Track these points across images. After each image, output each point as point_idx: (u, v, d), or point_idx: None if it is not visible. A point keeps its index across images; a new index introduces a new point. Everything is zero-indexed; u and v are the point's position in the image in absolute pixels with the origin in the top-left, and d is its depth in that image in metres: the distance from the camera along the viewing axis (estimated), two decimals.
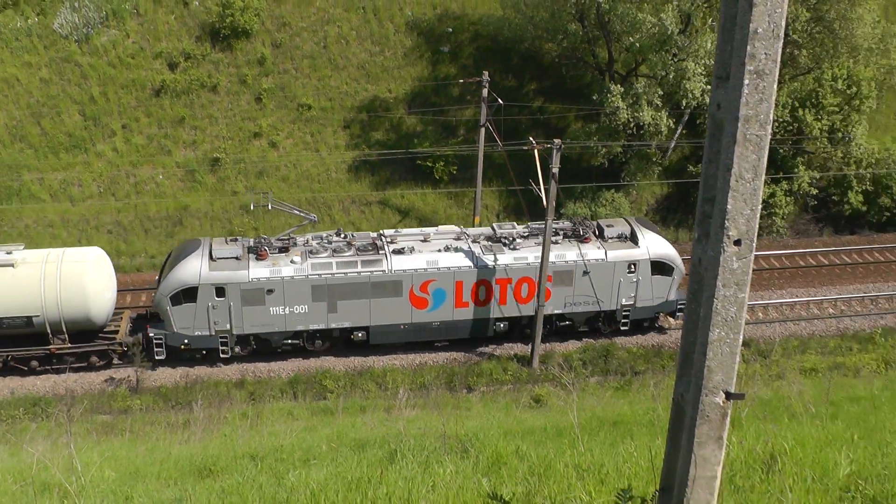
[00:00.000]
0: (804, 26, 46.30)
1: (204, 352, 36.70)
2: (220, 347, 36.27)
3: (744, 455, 8.42)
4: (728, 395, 5.03)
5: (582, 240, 37.89)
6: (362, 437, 19.04)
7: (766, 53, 4.59)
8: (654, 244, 38.22)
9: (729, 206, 4.72)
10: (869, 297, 42.86)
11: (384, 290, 36.10)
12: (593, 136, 45.74)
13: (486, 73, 42.87)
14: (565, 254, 37.23)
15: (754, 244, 4.81)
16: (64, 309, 33.96)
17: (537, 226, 38.79)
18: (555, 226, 38.28)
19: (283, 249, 36.19)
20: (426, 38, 50.30)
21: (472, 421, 22.01)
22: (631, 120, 44.00)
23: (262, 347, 36.83)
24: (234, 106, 46.72)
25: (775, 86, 4.68)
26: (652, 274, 37.95)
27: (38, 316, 33.92)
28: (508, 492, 7.35)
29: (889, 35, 48.15)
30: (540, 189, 34.99)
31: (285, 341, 36.91)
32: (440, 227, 39.28)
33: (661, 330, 40.20)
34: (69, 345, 35.22)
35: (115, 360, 36.60)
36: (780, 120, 46.77)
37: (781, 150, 46.92)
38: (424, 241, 37.51)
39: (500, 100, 41.83)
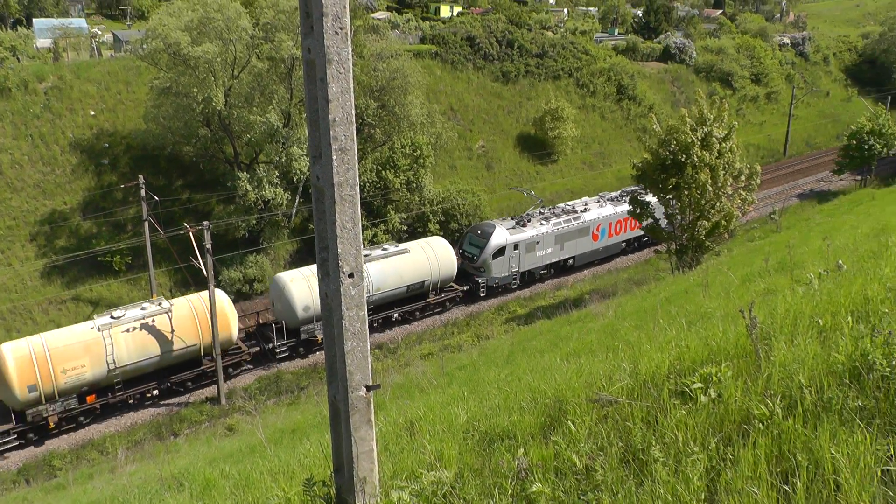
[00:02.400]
0: (375, 112, 48.86)
1: (503, 286, 46.06)
2: (512, 283, 46.13)
3: (391, 427, 8.62)
4: (368, 388, 5.10)
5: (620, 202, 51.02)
6: (94, 500, 17.07)
7: (345, 135, 4.67)
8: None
9: (340, 250, 4.78)
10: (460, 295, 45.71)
11: (581, 233, 48.66)
12: (233, 215, 44.92)
13: (141, 176, 40.67)
14: (620, 208, 50.18)
15: (363, 274, 4.94)
16: (441, 272, 41.89)
17: (625, 189, 52.58)
18: (612, 195, 52.62)
19: (529, 219, 46.75)
20: (88, 154, 46.54)
21: (182, 459, 20.54)
22: (258, 198, 43.82)
23: (529, 279, 47.31)
24: None
25: (356, 157, 4.77)
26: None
27: (427, 279, 41.47)
28: None
29: (433, 112, 52.92)
30: (200, 263, 33.89)
31: (541, 272, 47.60)
32: (586, 197, 53.45)
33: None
34: (438, 297, 42.93)
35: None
36: (370, 180, 48.84)
37: (375, 202, 48.97)
38: (587, 204, 50.63)
39: (155, 197, 40.15)
